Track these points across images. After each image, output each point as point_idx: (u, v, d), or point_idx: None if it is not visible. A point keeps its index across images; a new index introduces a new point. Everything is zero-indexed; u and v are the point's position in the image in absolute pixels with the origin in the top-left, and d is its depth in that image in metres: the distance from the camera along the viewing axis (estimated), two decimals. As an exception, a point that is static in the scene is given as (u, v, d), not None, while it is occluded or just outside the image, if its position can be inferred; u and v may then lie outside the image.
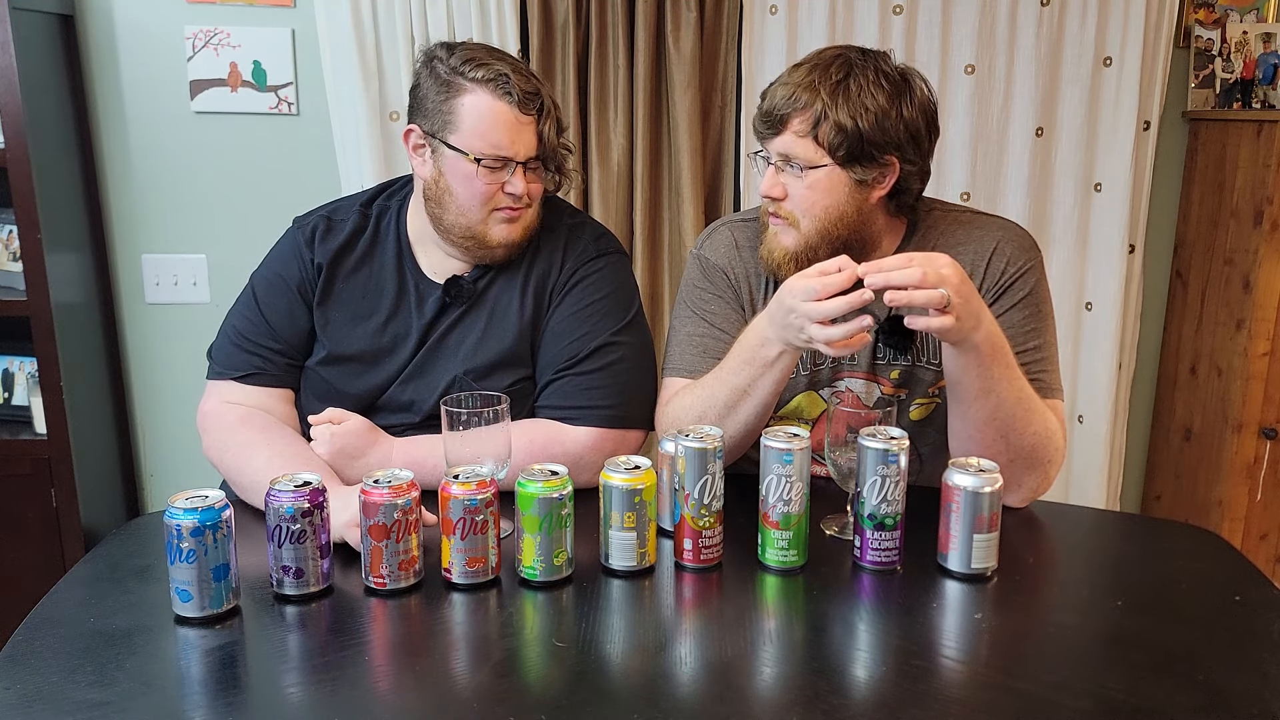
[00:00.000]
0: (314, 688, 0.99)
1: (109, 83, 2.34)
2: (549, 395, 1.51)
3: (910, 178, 1.40)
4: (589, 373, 1.50)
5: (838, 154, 1.36)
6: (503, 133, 1.42)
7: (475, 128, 1.43)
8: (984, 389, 1.30)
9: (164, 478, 2.54)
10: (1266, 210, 2.35)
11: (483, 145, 1.43)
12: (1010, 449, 1.33)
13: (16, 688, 0.98)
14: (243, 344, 1.53)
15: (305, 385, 1.56)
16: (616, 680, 1.02)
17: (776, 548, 1.21)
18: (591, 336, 1.50)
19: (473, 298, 1.53)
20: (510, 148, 1.43)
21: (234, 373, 1.52)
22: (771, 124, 1.39)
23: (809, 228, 1.40)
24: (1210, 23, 2.56)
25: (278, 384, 1.53)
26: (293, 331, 1.54)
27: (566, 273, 1.54)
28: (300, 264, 1.55)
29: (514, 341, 1.52)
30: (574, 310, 1.52)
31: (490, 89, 1.42)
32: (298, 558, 1.14)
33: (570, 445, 1.46)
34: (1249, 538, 2.52)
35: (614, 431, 1.49)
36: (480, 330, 1.52)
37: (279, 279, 1.56)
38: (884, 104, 1.34)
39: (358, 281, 1.55)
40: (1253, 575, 1.24)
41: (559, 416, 1.49)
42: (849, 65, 1.36)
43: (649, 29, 2.34)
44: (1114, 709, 0.96)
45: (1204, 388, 2.59)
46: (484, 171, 1.43)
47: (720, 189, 2.52)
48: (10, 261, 2.23)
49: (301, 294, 1.54)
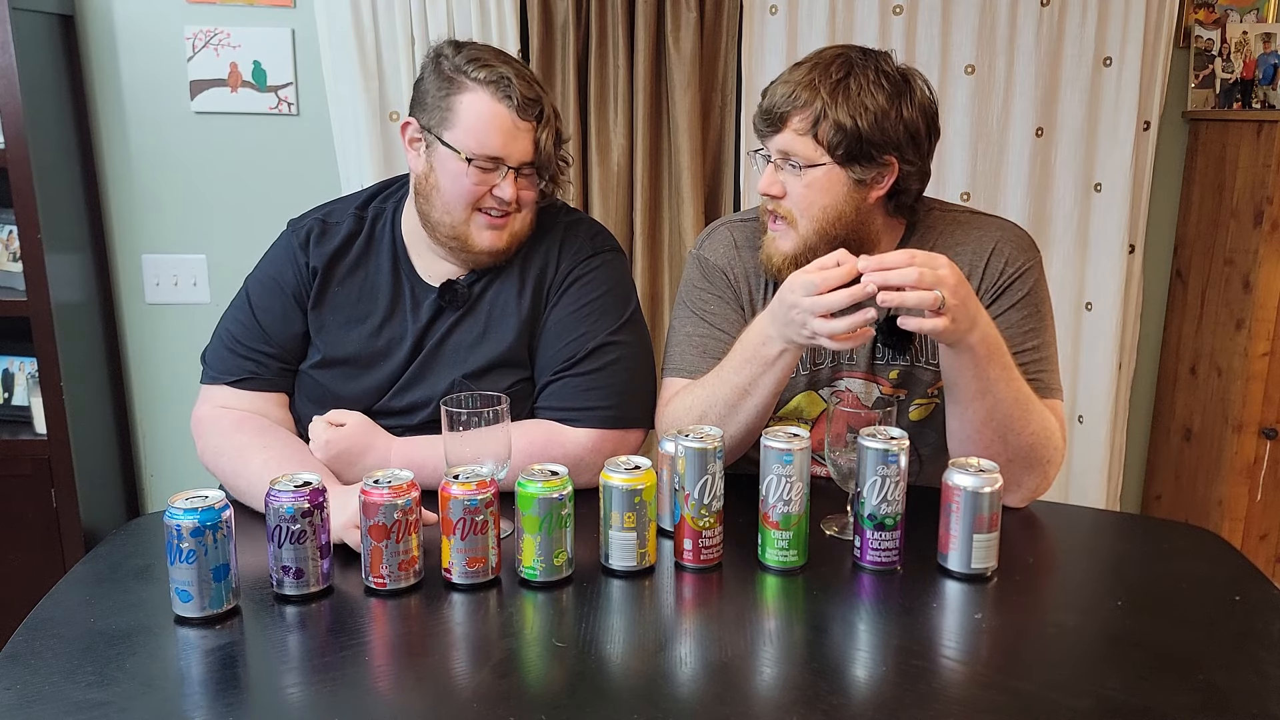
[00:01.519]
0: (314, 688, 0.99)
1: (109, 83, 2.34)
2: (548, 396, 1.51)
3: (909, 178, 1.40)
4: (587, 373, 1.49)
5: (837, 153, 1.36)
6: (497, 135, 1.42)
7: (471, 127, 1.42)
8: (980, 390, 1.30)
9: (164, 478, 2.54)
10: (1266, 210, 2.35)
11: (476, 145, 1.42)
12: (1008, 449, 1.33)
13: (17, 688, 0.98)
14: (236, 348, 1.52)
15: (300, 389, 1.55)
16: (616, 680, 1.02)
17: (776, 548, 1.21)
18: (590, 336, 1.50)
19: (468, 302, 1.52)
20: (503, 150, 1.42)
21: (228, 377, 1.51)
22: (771, 121, 1.39)
23: (806, 228, 1.40)
24: (1210, 23, 2.56)
25: (271, 388, 1.52)
26: (287, 335, 1.53)
27: (563, 271, 1.53)
28: (295, 268, 1.54)
29: (512, 342, 1.51)
30: (571, 310, 1.52)
31: (490, 90, 1.41)
32: (298, 558, 1.13)
33: (570, 446, 1.45)
34: (1249, 538, 2.52)
35: (613, 432, 1.49)
36: (477, 334, 1.52)
37: (273, 282, 1.55)
38: (884, 104, 1.34)
39: (353, 285, 1.54)
40: (1253, 575, 1.24)
41: (558, 418, 1.49)
42: (850, 64, 1.36)
43: (649, 29, 2.34)
44: (1114, 709, 0.96)
45: (1204, 388, 2.59)
46: (474, 171, 1.42)
47: (720, 189, 2.52)
48: (10, 261, 2.23)
49: (296, 298, 1.53)
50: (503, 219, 1.47)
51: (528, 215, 1.51)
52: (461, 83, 1.42)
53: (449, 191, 1.45)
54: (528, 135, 1.43)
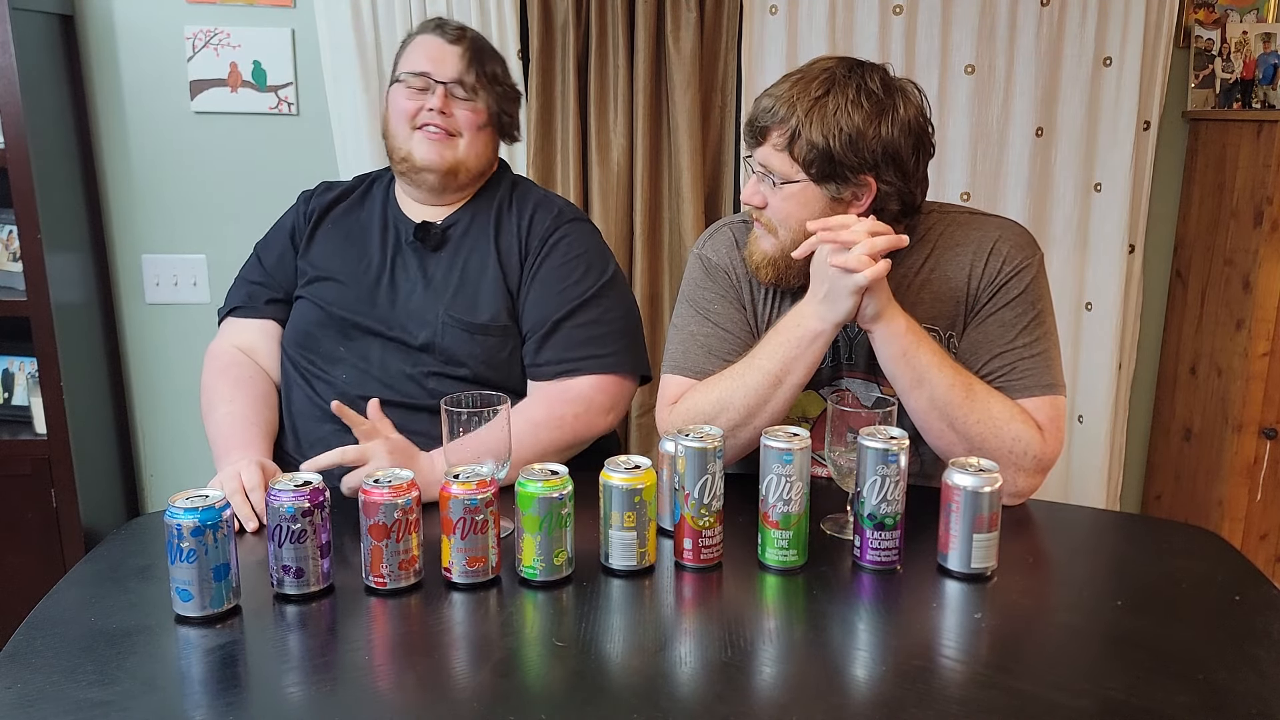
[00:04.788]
0: (314, 688, 0.99)
1: (109, 83, 2.34)
2: (546, 350, 1.56)
3: (887, 198, 1.40)
4: (583, 324, 1.57)
5: (811, 170, 1.37)
6: (423, 55, 1.59)
7: (407, 58, 1.61)
8: (916, 378, 1.35)
9: (164, 478, 2.54)
10: (1266, 210, 2.35)
11: (407, 66, 1.60)
12: (962, 439, 1.36)
13: (17, 687, 0.98)
14: (240, 283, 1.72)
15: (296, 316, 1.65)
16: (616, 680, 1.02)
17: (776, 547, 1.22)
18: (580, 286, 1.58)
19: (441, 244, 1.62)
20: (428, 65, 1.57)
21: (228, 307, 1.71)
22: (754, 134, 1.41)
23: (786, 237, 1.42)
24: (1210, 23, 2.56)
25: (259, 315, 1.68)
26: (279, 268, 1.69)
27: (546, 228, 1.62)
28: (296, 215, 1.72)
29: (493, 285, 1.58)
30: (557, 265, 1.60)
31: (428, 30, 1.62)
32: (298, 557, 1.14)
33: (583, 389, 1.55)
34: (1249, 538, 2.52)
35: (615, 377, 1.57)
36: (458, 277, 1.60)
37: (277, 229, 1.73)
38: (859, 124, 1.34)
39: (345, 224, 1.68)
40: (1253, 575, 1.24)
41: (557, 371, 1.55)
42: (831, 81, 1.36)
43: (649, 29, 2.34)
44: (1114, 709, 0.96)
45: (1204, 388, 2.59)
46: (405, 89, 1.58)
47: (720, 189, 2.52)
48: (10, 261, 2.23)
49: (292, 237, 1.70)
50: (439, 135, 1.58)
51: (473, 144, 1.61)
52: (408, 38, 1.65)
53: (393, 115, 1.60)
54: (454, 55, 1.59)
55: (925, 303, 1.46)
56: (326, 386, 1.57)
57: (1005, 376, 1.42)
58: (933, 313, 1.46)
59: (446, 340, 1.56)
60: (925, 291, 1.46)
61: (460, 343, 1.56)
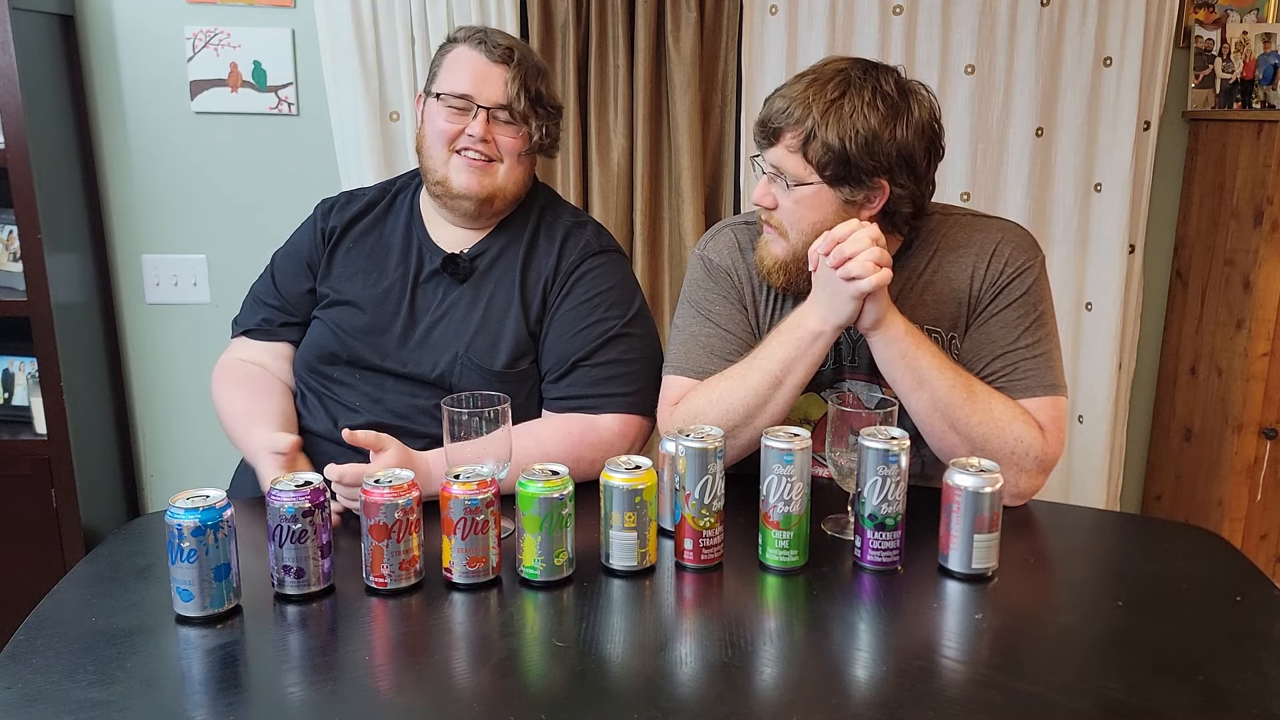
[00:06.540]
0: (314, 688, 0.99)
1: (109, 83, 2.34)
2: (567, 386, 1.53)
3: (900, 201, 1.39)
4: (606, 362, 1.53)
5: (825, 173, 1.36)
6: (467, 74, 1.51)
7: (448, 74, 1.53)
8: (917, 380, 1.35)
9: (164, 478, 2.54)
10: (1266, 210, 2.35)
11: (448, 85, 1.52)
12: (964, 440, 1.36)
13: (17, 687, 0.98)
14: (254, 304, 1.67)
15: (311, 340, 1.61)
16: (616, 680, 1.02)
17: (777, 548, 1.22)
18: (603, 324, 1.54)
19: (468, 275, 1.56)
20: (472, 88, 1.50)
21: (241, 327, 1.66)
22: (766, 135, 1.40)
23: (797, 240, 1.41)
24: (1210, 23, 2.56)
25: (274, 338, 1.64)
26: (294, 292, 1.64)
27: (569, 264, 1.56)
28: (313, 233, 1.65)
29: (515, 327, 1.54)
30: (581, 300, 1.55)
31: (469, 43, 1.53)
32: (298, 557, 1.14)
33: (604, 433, 1.50)
34: (1249, 538, 2.52)
35: (636, 417, 1.54)
36: (480, 316, 1.55)
37: (293, 246, 1.68)
38: (875, 126, 1.33)
39: (366, 243, 1.63)
40: (1253, 575, 1.24)
41: (579, 406, 1.52)
42: (847, 83, 1.35)
43: (649, 29, 2.34)
44: (1114, 709, 0.96)
45: (1204, 388, 2.59)
46: (446, 110, 1.51)
47: (720, 189, 2.52)
48: (10, 261, 2.23)
49: (309, 258, 1.64)
50: (479, 162, 1.52)
51: (512, 170, 1.55)
52: (448, 46, 1.57)
53: (429, 134, 1.54)
54: (499, 78, 1.51)
55: (928, 304, 1.46)
56: (338, 406, 1.55)
57: (1007, 377, 1.42)
58: (935, 314, 1.46)
59: (463, 381, 1.52)
60: (928, 293, 1.46)
61: (476, 385, 1.49)
